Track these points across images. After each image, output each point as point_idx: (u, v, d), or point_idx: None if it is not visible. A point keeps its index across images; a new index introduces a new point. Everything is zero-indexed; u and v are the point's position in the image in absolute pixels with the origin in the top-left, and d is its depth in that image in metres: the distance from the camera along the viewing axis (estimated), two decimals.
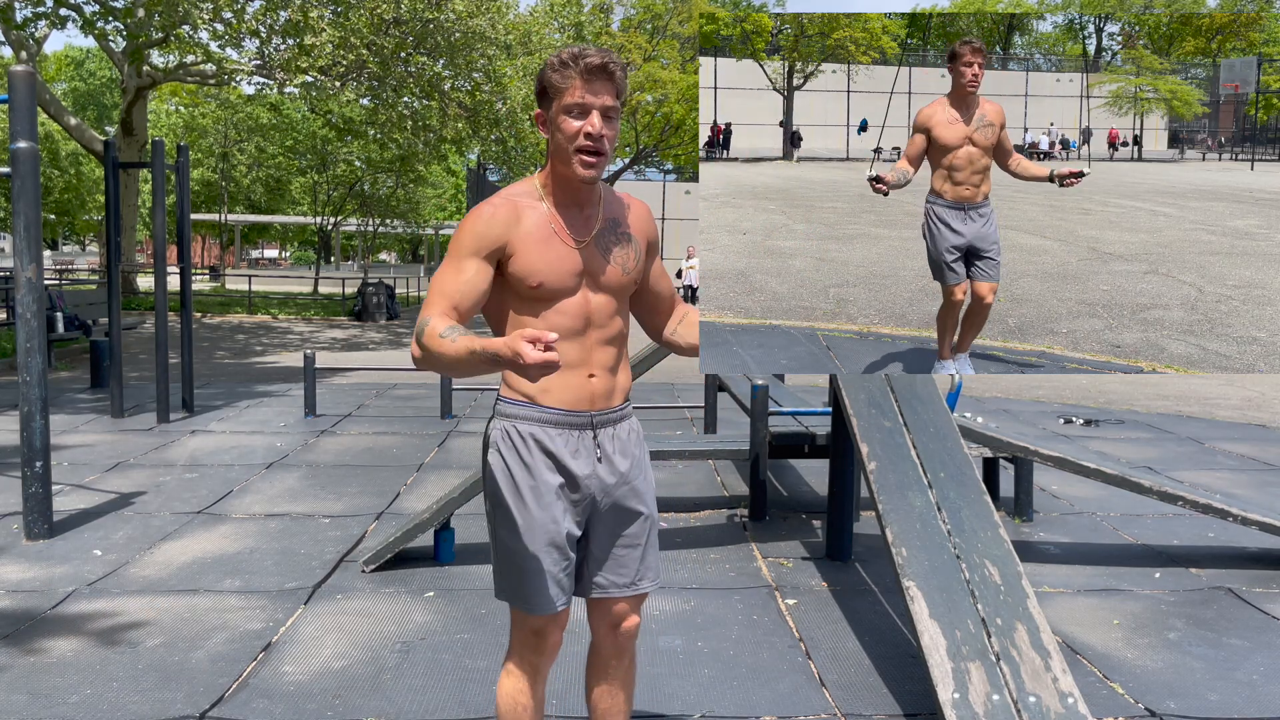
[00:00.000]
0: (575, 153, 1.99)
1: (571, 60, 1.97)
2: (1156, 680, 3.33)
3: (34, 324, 4.65)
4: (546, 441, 2.09)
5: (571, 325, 2.06)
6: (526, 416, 2.10)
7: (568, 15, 27.54)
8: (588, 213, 2.10)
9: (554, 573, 2.10)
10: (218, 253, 54.68)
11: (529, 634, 2.16)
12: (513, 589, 2.13)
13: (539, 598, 2.10)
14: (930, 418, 3.89)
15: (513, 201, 2.05)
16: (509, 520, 2.11)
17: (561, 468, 2.10)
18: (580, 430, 2.11)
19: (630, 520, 2.20)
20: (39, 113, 13.58)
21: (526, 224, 2.03)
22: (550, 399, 2.08)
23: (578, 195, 2.08)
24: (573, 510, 2.12)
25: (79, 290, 14.29)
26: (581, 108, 1.97)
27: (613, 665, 2.31)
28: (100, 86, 43.98)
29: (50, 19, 16.68)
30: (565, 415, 2.09)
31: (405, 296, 28.64)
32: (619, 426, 2.18)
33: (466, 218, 2.04)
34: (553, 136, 2.02)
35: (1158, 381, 11.59)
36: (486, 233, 2.01)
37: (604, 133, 1.98)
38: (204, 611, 3.82)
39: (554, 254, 2.04)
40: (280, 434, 7.47)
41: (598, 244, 2.10)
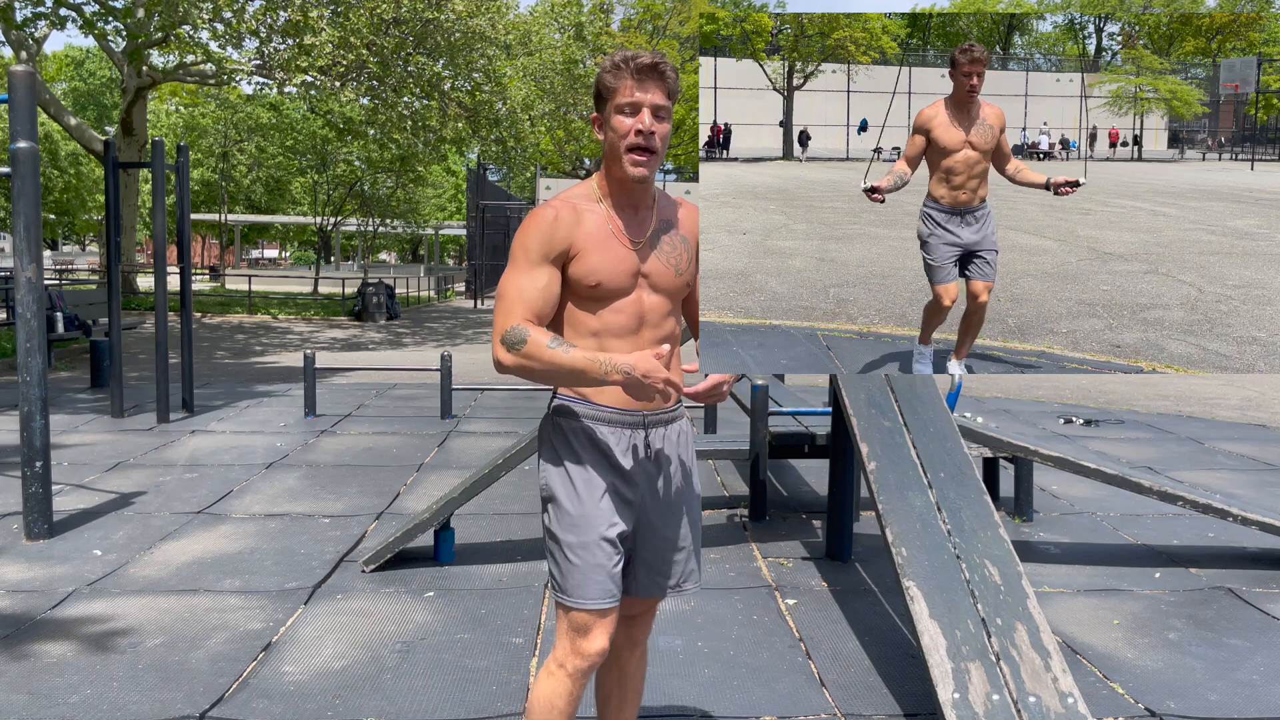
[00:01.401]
0: (626, 151, 2.04)
1: (624, 62, 2.03)
2: (1156, 680, 3.33)
3: (34, 324, 4.65)
4: (600, 439, 2.13)
5: (626, 324, 2.11)
6: (582, 414, 2.14)
7: (568, 15, 27.54)
8: (643, 214, 2.15)
9: (605, 566, 2.12)
10: (218, 253, 54.69)
11: (573, 632, 2.15)
12: (563, 580, 2.14)
13: (587, 589, 2.11)
14: (930, 418, 3.89)
15: (572, 204, 2.09)
16: (561, 514, 2.14)
17: (614, 465, 2.14)
18: (633, 429, 2.15)
19: (677, 521, 2.25)
20: (39, 113, 13.58)
21: (587, 225, 2.08)
22: (605, 398, 2.12)
23: (633, 196, 2.13)
24: (624, 508, 2.15)
25: (79, 290, 14.29)
26: (633, 106, 2.03)
27: (624, 655, 2.37)
28: (100, 86, 43.99)
29: (50, 19, 16.69)
30: (619, 414, 2.13)
31: (405, 296, 28.65)
32: (670, 427, 2.21)
33: (530, 222, 2.07)
34: (607, 137, 2.08)
35: (1158, 381, 11.59)
36: (553, 236, 2.05)
37: (654, 129, 2.03)
38: (204, 611, 3.82)
39: (613, 254, 2.08)
40: (280, 434, 7.47)
41: (653, 245, 2.15)
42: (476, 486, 4.35)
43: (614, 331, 2.10)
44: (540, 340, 1.96)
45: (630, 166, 2.05)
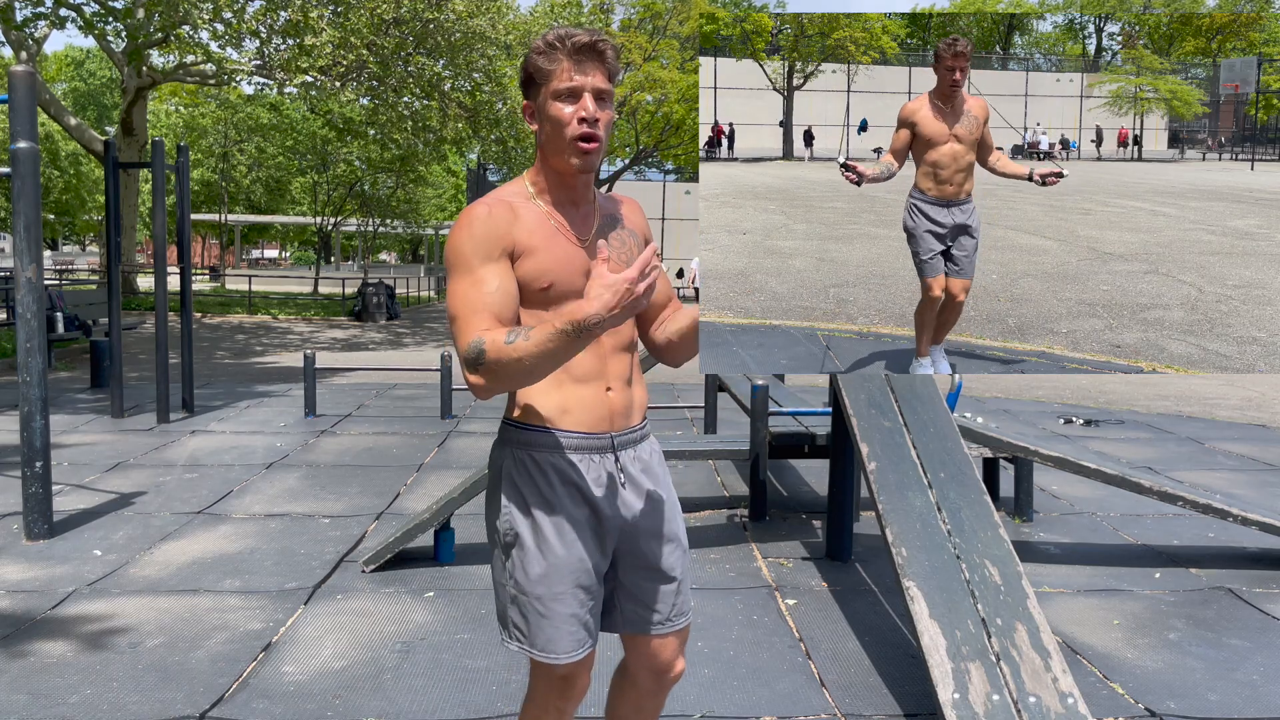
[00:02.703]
0: (570, 140, 1.82)
1: (558, 41, 1.82)
2: (1156, 680, 3.33)
3: (34, 324, 4.65)
4: (569, 471, 1.91)
5: None
6: (543, 444, 1.91)
7: (568, 15, 27.53)
8: (584, 209, 1.95)
9: (580, 615, 1.93)
10: (218, 253, 54.67)
11: (555, 681, 1.98)
12: (532, 636, 1.93)
13: (559, 643, 1.92)
14: (930, 418, 3.89)
15: (505, 201, 1.86)
16: (529, 563, 1.91)
17: (586, 499, 1.92)
18: (601, 454, 1.94)
19: (659, 549, 2.03)
20: (39, 113, 13.58)
21: (527, 223, 1.85)
22: (569, 421, 1.90)
23: (573, 192, 1.92)
24: (600, 544, 1.95)
25: (79, 290, 14.29)
26: (572, 91, 1.81)
27: (647, 703, 2.18)
28: (100, 86, 44.00)
29: (50, 19, 16.68)
30: (585, 439, 1.91)
31: (405, 297, 28.64)
32: (640, 447, 2.01)
33: (461, 225, 1.83)
34: (542, 127, 1.86)
35: (1158, 381, 11.59)
36: (491, 234, 1.81)
37: (599, 115, 1.82)
38: (204, 611, 3.82)
39: (561, 252, 1.87)
40: (280, 434, 7.47)
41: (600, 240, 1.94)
42: (476, 486, 4.35)
43: None
44: (497, 341, 1.69)
45: (574, 156, 1.83)
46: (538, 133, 1.89)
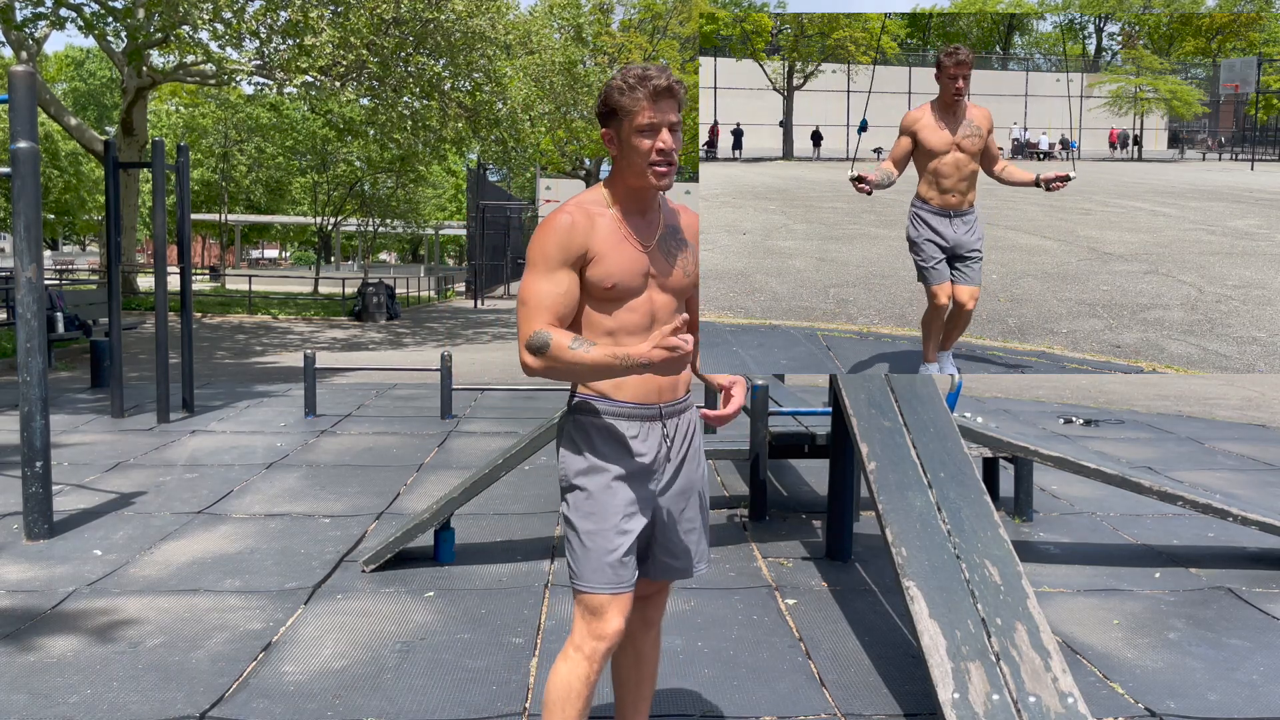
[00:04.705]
0: (650, 166, 2.16)
1: (639, 83, 2.12)
2: (1156, 680, 3.33)
3: (34, 324, 4.65)
4: (621, 434, 2.25)
5: (639, 322, 2.22)
6: (602, 411, 2.25)
7: (568, 15, 27.54)
8: (650, 218, 2.27)
9: (619, 553, 2.22)
10: (218, 253, 54.69)
11: (589, 615, 2.25)
12: (578, 567, 2.25)
13: (600, 574, 2.22)
14: (930, 418, 3.89)
15: (585, 209, 2.20)
16: (580, 502, 2.25)
17: (634, 457, 2.25)
18: (650, 421, 2.27)
19: (690, 506, 2.37)
20: (39, 113, 13.58)
21: (601, 230, 2.19)
22: (623, 393, 2.24)
23: (642, 203, 2.24)
24: (642, 499, 2.26)
25: (79, 290, 14.29)
26: (652, 127, 2.13)
27: (639, 637, 2.49)
28: (100, 86, 44.01)
29: (50, 19, 16.68)
30: (637, 408, 2.25)
31: (405, 297, 28.64)
32: (683, 417, 2.34)
33: (546, 228, 2.17)
34: (623, 153, 2.19)
35: (1158, 381, 11.59)
36: (569, 242, 2.15)
37: (673, 147, 2.16)
38: (204, 611, 3.82)
39: (625, 257, 2.20)
40: (280, 434, 7.47)
41: (661, 248, 2.27)
42: (476, 486, 4.36)
43: (628, 329, 2.21)
44: (562, 342, 2.08)
45: (655, 180, 2.17)
46: (616, 156, 2.21)
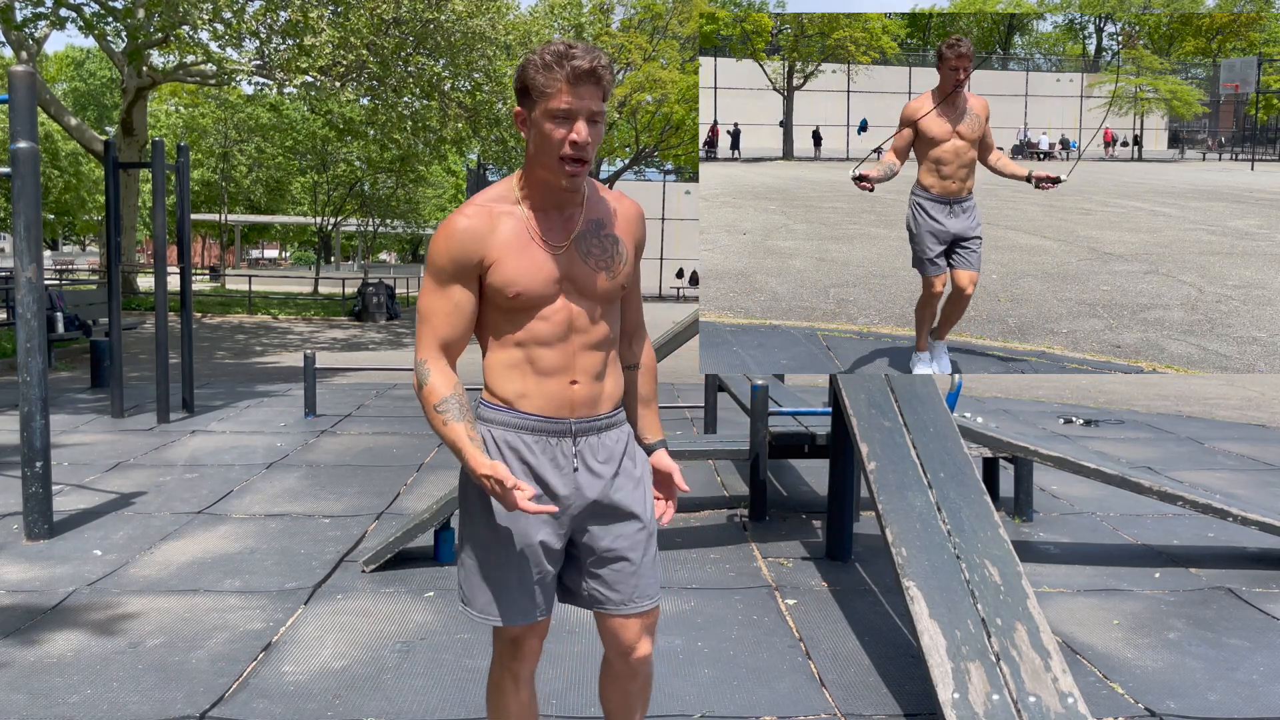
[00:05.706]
0: (559, 161, 1.91)
1: (557, 62, 1.85)
2: (1156, 680, 3.33)
3: (34, 324, 4.65)
4: (522, 450, 2.02)
5: (554, 332, 1.99)
6: (504, 423, 2.03)
7: (568, 15, 27.54)
8: (568, 214, 2.02)
9: (524, 584, 2.05)
10: (218, 253, 54.68)
11: (506, 643, 2.15)
12: (470, 597, 2.10)
13: (504, 609, 2.06)
14: (930, 418, 3.89)
15: (487, 209, 1.97)
16: (478, 530, 2.06)
17: (537, 477, 2.03)
18: (559, 437, 2.03)
19: (617, 531, 2.10)
20: (39, 113, 13.58)
21: (502, 232, 1.96)
22: (529, 404, 2.01)
23: (557, 197, 1.99)
24: (549, 521, 2.05)
25: (79, 290, 14.30)
26: (568, 114, 1.87)
27: (624, 682, 2.24)
28: (100, 86, 43.99)
29: (50, 19, 16.68)
30: (543, 422, 2.02)
31: (405, 297, 28.63)
32: (604, 435, 2.08)
33: (440, 233, 1.96)
34: (532, 138, 1.93)
35: (1158, 381, 11.59)
36: (462, 251, 1.95)
37: (589, 140, 1.89)
38: (204, 611, 3.82)
39: (530, 261, 1.96)
40: (280, 434, 7.47)
41: (578, 247, 2.00)
42: None
43: (540, 340, 1.99)
44: (434, 392, 1.96)
45: (564, 179, 1.93)
46: (528, 141, 1.96)
